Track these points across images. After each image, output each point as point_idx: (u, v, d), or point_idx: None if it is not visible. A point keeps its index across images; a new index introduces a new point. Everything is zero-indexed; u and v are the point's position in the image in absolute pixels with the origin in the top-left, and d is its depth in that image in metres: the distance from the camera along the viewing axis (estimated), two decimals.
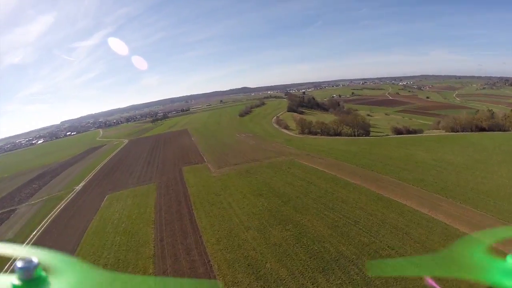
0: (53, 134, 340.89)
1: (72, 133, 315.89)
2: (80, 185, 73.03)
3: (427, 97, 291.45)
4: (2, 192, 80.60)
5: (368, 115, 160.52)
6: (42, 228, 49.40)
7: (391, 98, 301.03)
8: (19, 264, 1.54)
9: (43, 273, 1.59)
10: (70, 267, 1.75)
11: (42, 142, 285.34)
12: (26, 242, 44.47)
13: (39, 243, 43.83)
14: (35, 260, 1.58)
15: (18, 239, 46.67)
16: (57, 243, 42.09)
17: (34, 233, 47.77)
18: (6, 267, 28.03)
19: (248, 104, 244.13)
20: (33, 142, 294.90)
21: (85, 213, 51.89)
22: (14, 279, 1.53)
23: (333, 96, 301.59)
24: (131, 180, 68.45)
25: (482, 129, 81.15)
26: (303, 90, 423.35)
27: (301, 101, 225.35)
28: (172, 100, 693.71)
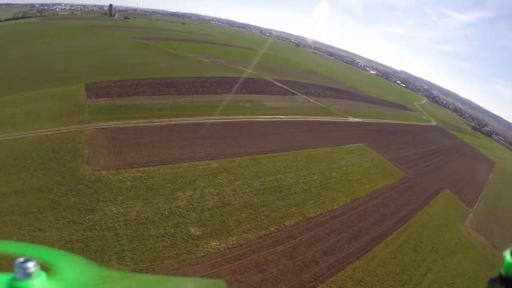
0: (384, 73, 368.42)
1: (401, 84, 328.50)
2: (355, 119, 74.01)
3: None
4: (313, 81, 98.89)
5: None
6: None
7: None
8: (18, 263, 1.64)
9: (42, 273, 1.69)
10: (71, 264, 1.90)
11: (373, 73, 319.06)
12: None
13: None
14: (34, 259, 1.67)
15: (267, 111, 55.02)
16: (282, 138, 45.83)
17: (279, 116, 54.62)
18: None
19: None
20: (367, 69, 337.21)
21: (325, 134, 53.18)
22: (13, 279, 1.62)
23: None
24: (394, 149, 61.39)
25: None
26: None
27: None
28: None
